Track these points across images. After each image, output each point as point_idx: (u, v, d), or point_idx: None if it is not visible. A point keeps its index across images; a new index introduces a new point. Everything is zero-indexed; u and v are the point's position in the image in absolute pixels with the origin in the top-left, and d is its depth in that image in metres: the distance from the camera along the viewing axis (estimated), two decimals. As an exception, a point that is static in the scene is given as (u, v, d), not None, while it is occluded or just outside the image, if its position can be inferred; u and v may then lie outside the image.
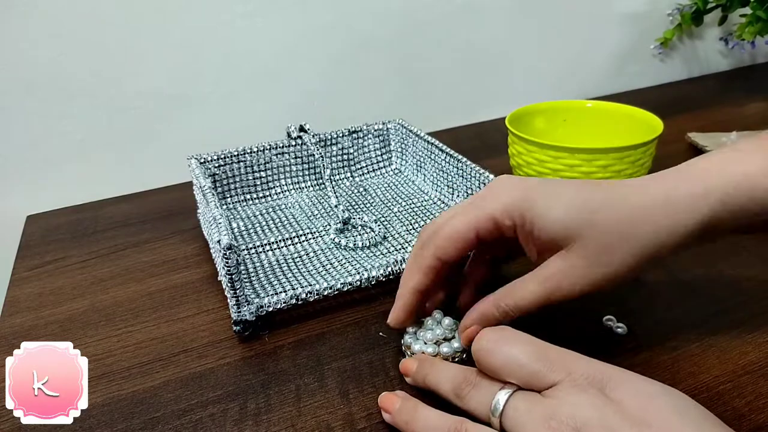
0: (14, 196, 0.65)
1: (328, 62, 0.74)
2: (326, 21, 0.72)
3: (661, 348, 0.38)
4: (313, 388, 0.37)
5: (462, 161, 0.52)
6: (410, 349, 0.37)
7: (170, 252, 0.53)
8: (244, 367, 0.39)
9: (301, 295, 0.42)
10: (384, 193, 0.59)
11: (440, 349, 0.36)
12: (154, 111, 0.68)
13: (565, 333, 0.34)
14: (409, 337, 0.37)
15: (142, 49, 0.66)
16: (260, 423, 0.35)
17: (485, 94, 0.84)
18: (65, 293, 0.48)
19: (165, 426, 0.35)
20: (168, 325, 0.44)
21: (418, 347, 0.36)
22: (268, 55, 0.71)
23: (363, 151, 0.62)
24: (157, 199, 0.65)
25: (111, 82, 0.65)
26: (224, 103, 0.71)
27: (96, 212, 0.63)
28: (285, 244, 0.51)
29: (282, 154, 0.59)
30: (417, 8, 0.76)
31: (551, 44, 0.86)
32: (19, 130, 0.64)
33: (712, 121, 0.74)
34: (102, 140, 0.67)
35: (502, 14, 0.81)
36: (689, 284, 0.45)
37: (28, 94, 0.63)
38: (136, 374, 0.39)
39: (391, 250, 0.49)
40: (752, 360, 0.37)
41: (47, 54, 0.62)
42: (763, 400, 0.34)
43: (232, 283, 0.40)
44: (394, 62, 0.78)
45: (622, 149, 0.50)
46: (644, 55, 0.94)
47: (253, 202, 0.58)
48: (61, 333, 0.43)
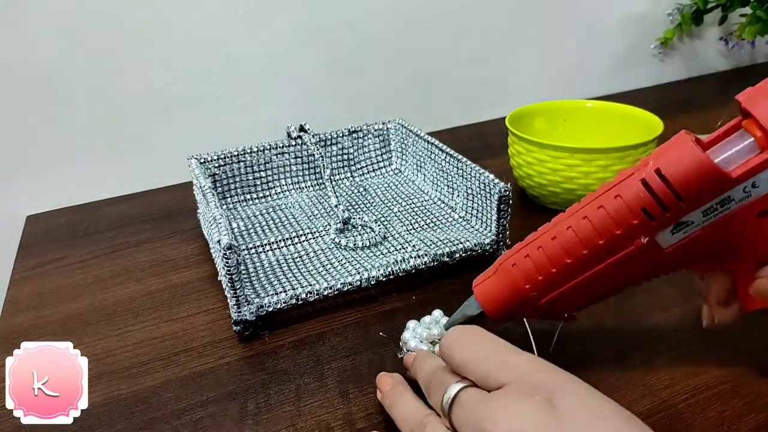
0: (14, 196, 0.65)
1: (328, 62, 0.74)
2: (326, 21, 0.72)
3: (660, 348, 0.38)
4: (313, 388, 0.37)
5: (462, 161, 0.52)
6: (406, 345, 0.37)
7: (170, 252, 0.53)
8: (244, 366, 0.39)
9: (301, 295, 0.42)
10: (384, 193, 0.59)
11: (435, 348, 0.36)
12: (154, 111, 0.68)
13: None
14: (408, 333, 0.38)
15: (142, 49, 0.66)
16: (260, 423, 0.35)
17: (485, 94, 0.84)
18: (65, 293, 0.48)
19: (165, 425, 0.35)
20: (168, 325, 0.44)
21: (413, 344, 0.37)
22: (268, 55, 0.71)
23: (363, 151, 0.62)
24: (157, 199, 0.65)
25: (111, 82, 0.65)
26: (224, 103, 0.71)
27: (96, 212, 0.63)
28: (285, 244, 0.51)
29: (282, 154, 0.59)
30: (417, 8, 0.76)
31: (551, 44, 0.86)
32: (19, 130, 0.64)
33: (712, 121, 0.74)
34: (102, 140, 0.67)
35: (502, 14, 0.81)
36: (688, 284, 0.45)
37: (28, 94, 0.63)
38: (135, 374, 0.39)
39: (391, 250, 0.49)
40: (752, 359, 0.37)
41: (47, 54, 0.62)
42: (763, 400, 0.34)
43: (232, 283, 0.40)
44: (394, 62, 0.78)
45: (622, 149, 0.50)
46: (644, 55, 0.94)
47: (253, 202, 0.58)
48: (61, 333, 0.43)
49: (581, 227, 0.31)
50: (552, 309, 0.33)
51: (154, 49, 0.66)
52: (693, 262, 0.32)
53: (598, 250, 0.31)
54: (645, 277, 0.33)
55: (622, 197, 0.30)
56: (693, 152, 0.28)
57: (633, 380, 0.36)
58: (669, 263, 0.31)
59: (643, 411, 0.34)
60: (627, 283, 0.33)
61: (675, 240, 0.30)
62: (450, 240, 0.48)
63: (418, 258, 0.46)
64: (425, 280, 0.46)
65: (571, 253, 0.31)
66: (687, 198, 0.29)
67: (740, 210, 0.29)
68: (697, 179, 0.28)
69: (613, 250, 0.30)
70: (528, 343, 0.33)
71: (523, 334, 0.34)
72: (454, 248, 0.46)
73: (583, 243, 0.31)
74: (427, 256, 0.46)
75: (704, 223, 0.29)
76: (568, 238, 0.31)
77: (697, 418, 0.33)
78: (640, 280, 0.33)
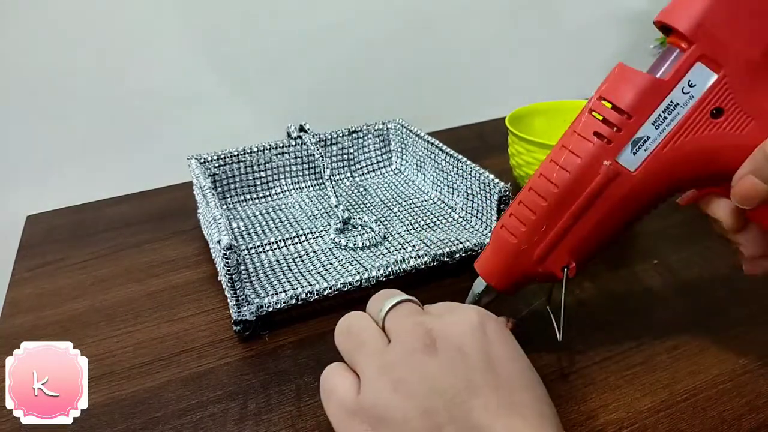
0: (14, 196, 0.65)
1: (328, 62, 0.74)
2: (326, 21, 0.72)
3: (661, 347, 0.38)
4: (314, 388, 0.37)
5: (462, 161, 0.52)
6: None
7: (170, 252, 0.53)
8: (244, 367, 0.39)
9: (301, 295, 0.42)
10: (384, 193, 0.59)
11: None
12: (154, 111, 0.68)
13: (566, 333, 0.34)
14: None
15: (142, 50, 0.66)
16: (260, 423, 0.35)
17: (485, 94, 0.84)
18: (65, 293, 0.48)
19: (165, 426, 0.35)
20: (168, 325, 0.44)
21: None
22: (268, 54, 0.71)
23: (363, 151, 0.62)
24: (157, 199, 0.65)
25: (111, 82, 0.65)
26: (224, 103, 0.71)
27: (96, 212, 0.63)
28: (285, 244, 0.51)
29: (282, 154, 0.59)
30: (417, 8, 0.76)
31: (551, 44, 0.86)
32: (20, 130, 0.64)
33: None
34: (102, 140, 0.67)
35: (502, 14, 0.81)
36: (688, 283, 0.45)
37: (28, 94, 0.63)
38: (136, 374, 0.39)
39: (391, 250, 0.49)
40: (752, 359, 0.37)
41: (47, 54, 0.62)
42: (763, 400, 0.34)
43: (232, 283, 0.40)
44: (394, 62, 0.78)
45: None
46: (644, 55, 0.94)
47: (253, 202, 0.58)
48: (61, 333, 0.43)
49: (549, 169, 0.33)
50: (547, 264, 0.34)
51: (154, 49, 0.66)
52: (671, 185, 0.32)
53: (568, 186, 0.32)
54: (630, 212, 0.33)
55: (576, 130, 0.32)
56: (625, 71, 0.32)
57: (633, 379, 0.36)
58: (645, 189, 0.32)
59: (644, 410, 0.34)
60: (614, 223, 0.33)
61: (639, 160, 0.31)
62: (450, 240, 0.48)
63: (418, 258, 0.46)
64: (425, 280, 0.46)
65: (546, 196, 0.32)
66: (630, 111, 0.30)
67: (691, 114, 0.30)
68: (635, 91, 0.30)
69: (583, 183, 0.31)
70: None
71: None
72: (454, 248, 0.46)
73: (553, 183, 0.32)
74: (427, 256, 0.46)
75: (660, 137, 0.30)
76: (540, 183, 0.33)
77: (698, 418, 0.33)
78: (629, 218, 0.33)
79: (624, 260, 0.48)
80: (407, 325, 0.29)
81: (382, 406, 0.26)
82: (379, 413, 0.26)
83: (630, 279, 0.46)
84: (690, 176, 0.32)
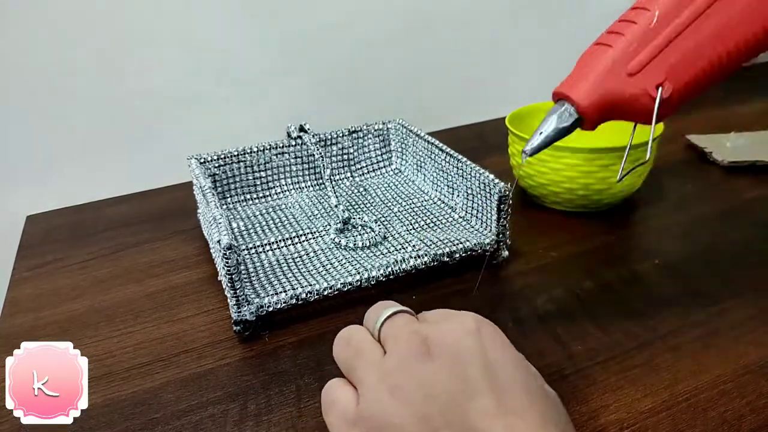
0: (14, 196, 0.65)
1: (328, 62, 0.74)
2: (326, 21, 0.72)
3: (662, 348, 0.38)
4: (314, 389, 0.37)
5: (462, 161, 0.52)
6: None
7: (170, 252, 0.53)
8: (244, 367, 0.39)
9: (301, 295, 0.42)
10: (384, 193, 0.59)
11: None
12: (154, 111, 0.68)
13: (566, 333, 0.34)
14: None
15: (142, 50, 0.66)
16: (260, 423, 0.34)
17: (485, 94, 0.84)
18: (65, 293, 0.48)
19: (165, 427, 0.35)
20: (168, 326, 0.44)
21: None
22: (268, 55, 0.71)
23: (363, 151, 0.62)
24: (157, 199, 0.65)
25: (111, 82, 0.65)
26: (224, 103, 0.71)
27: (96, 212, 0.63)
28: (285, 244, 0.51)
29: (282, 154, 0.59)
30: (417, 8, 0.76)
31: (551, 44, 0.86)
32: (20, 130, 0.64)
33: (712, 122, 0.74)
34: (102, 140, 0.67)
35: (502, 14, 0.81)
36: (689, 284, 0.45)
37: (28, 94, 0.63)
38: (136, 375, 0.39)
39: (391, 250, 0.49)
40: (753, 359, 0.37)
41: (47, 54, 0.62)
42: (764, 400, 0.34)
43: (232, 283, 0.40)
44: (394, 62, 0.77)
45: (622, 149, 0.50)
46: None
47: (253, 202, 0.58)
48: (61, 333, 0.43)
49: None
50: (641, 79, 0.30)
51: (154, 50, 0.66)
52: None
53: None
54: (738, 37, 0.29)
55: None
56: None
57: (634, 380, 0.36)
58: (762, 10, 0.28)
59: (645, 411, 0.34)
60: (719, 48, 0.30)
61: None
62: (450, 240, 0.48)
63: (418, 258, 0.45)
64: (425, 280, 0.46)
65: (649, 6, 0.30)
66: None
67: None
68: None
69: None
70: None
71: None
72: (454, 248, 0.46)
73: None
74: (427, 256, 0.46)
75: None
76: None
77: (699, 419, 0.33)
78: (736, 45, 0.30)
79: (626, 260, 0.48)
80: (403, 334, 0.29)
81: (380, 414, 0.26)
82: (378, 421, 0.26)
83: (631, 279, 0.46)
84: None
